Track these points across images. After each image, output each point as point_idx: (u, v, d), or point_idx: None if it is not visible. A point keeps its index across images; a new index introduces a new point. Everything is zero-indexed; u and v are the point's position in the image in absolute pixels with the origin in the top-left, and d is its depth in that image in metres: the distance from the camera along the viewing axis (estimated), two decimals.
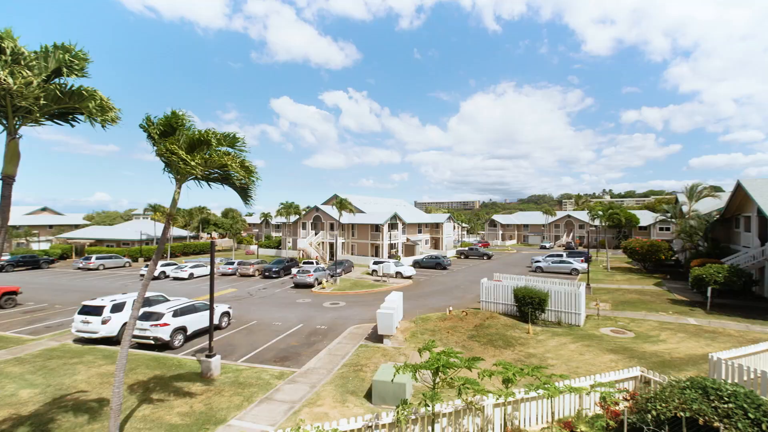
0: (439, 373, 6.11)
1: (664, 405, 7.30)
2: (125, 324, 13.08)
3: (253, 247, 61.29)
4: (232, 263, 37.46)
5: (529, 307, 18.30)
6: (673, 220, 40.82)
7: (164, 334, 14.86)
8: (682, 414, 7.03)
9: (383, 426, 7.04)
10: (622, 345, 14.96)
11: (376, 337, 16.14)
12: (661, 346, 14.83)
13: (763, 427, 6.54)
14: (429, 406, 6.48)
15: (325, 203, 54.33)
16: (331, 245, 48.15)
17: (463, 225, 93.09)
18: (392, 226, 48.01)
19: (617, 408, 8.01)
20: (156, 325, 14.83)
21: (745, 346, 11.25)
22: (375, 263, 35.76)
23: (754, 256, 24.19)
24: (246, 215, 79.04)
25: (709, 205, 36.65)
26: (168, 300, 18.72)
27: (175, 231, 62.61)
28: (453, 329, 17.25)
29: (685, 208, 36.96)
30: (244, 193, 9.89)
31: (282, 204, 49.71)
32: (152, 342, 14.79)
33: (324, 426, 6.65)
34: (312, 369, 12.88)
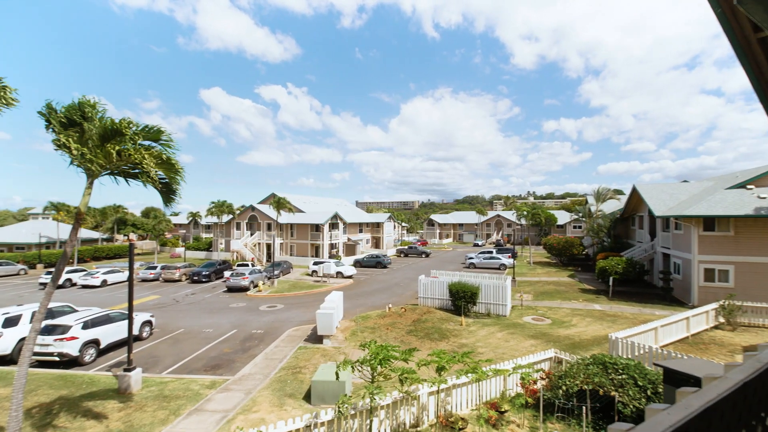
0: (379, 367, 6.28)
1: (572, 380, 8.31)
2: (23, 340, 11.29)
3: (180, 250, 56.41)
4: (155, 268, 34.14)
5: (462, 300, 19.44)
6: (584, 219, 46.24)
7: (71, 348, 13.09)
8: (586, 387, 8.08)
9: (322, 424, 7.03)
10: (541, 331, 16.61)
11: (315, 338, 15.93)
12: (572, 330, 16.76)
13: (648, 392, 7.78)
14: (370, 400, 6.62)
15: (262, 202, 52.02)
16: (269, 246, 46.26)
17: (403, 224, 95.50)
18: (333, 226, 47.58)
19: (535, 386, 8.92)
20: (61, 340, 13.00)
21: (637, 326, 13.24)
22: (315, 264, 35.15)
23: (646, 250, 28.46)
24: (171, 215, 72.40)
25: (612, 206, 42.30)
26: (75, 311, 16.51)
27: (84, 232, 55.24)
28: (392, 326, 17.67)
29: (593, 209, 42.15)
30: (167, 192, 9.10)
31: (213, 203, 46.49)
32: (57, 359, 12.94)
33: (262, 430, 6.44)
34: (247, 375, 12.31)
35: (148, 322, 16.99)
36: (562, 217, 72.53)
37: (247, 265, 34.91)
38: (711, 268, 20.00)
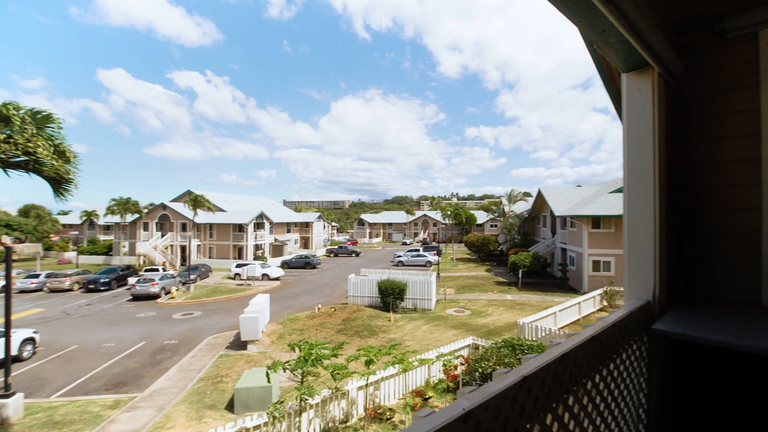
0: (310, 366, 6.24)
1: (486, 363, 9.17)
2: None
3: (70, 255, 48.55)
4: (37, 276, 28.99)
5: (391, 297, 20.06)
6: (499, 218, 50.85)
7: None
8: (498, 368, 8.99)
9: (246, 430, 6.74)
10: (462, 321, 17.95)
11: (239, 345, 15.07)
12: (488, 318, 18.41)
13: None
14: (302, 401, 6.54)
15: (176, 200, 47.30)
16: (184, 248, 42.26)
17: (333, 224, 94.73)
18: (258, 226, 45.26)
19: (456, 372, 9.65)
20: None
21: (541, 312, 15.05)
22: (238, 266, 33.10)
23: (548, 245, 32.35)
24: (59, 214, 61.80)
25: (522, 207, 47.33)
26: None
27: None
28: (322, 326, 17.52)
29: (506, 209, 46.62)
30: (58, 185, 7.88)
31: (116, 200, 40.81)
32: None
33: None
34: (159, 390, 11.18)
35: (30, 340, 14.41)
36: (481, 217, 78.76)
37: (157, 270, 31.48)
38: (597, 260, 23.57)
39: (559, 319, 15.36)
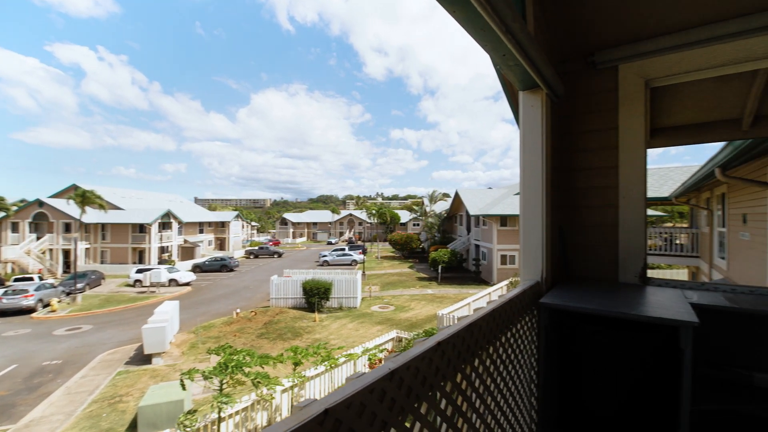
0: (230, 374, 5.87)
1: None
2: None
3: None
4: None
5: (316, 297, 19.79)
6: (421, 217, 53.45)
7: None
8: None
9: None
10: (387, 317, 18.53)
11: (142, 359, 13.46)
12: (411, 312, 19.31)
13: None
14: (220, 409, 6.12)
15: (57, 195, 40.08)
16: (68, 253, 36.02)
17: (253, 223, 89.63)
18: (165, 226, 40.67)
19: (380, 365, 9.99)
20: None
21: (457, 303, 16.30)
22: (139, 272, 29.35)
23: (464, 242, 35.04)
24: None
25: (442, 207, 50.44)
26: None
27: None
28: (241, 331, 16.54)
29: (428, 209, 49.24)
30: None
31: None
32: None
33: None
34: (39, 419, 9.46)
35: None
36: (405, 216, 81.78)
37: (31, 279, 26.35)
38: (505, 254, 26.31)
39: (473, 308, 16.78)
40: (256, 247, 53.00)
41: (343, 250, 45.43)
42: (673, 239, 14.53)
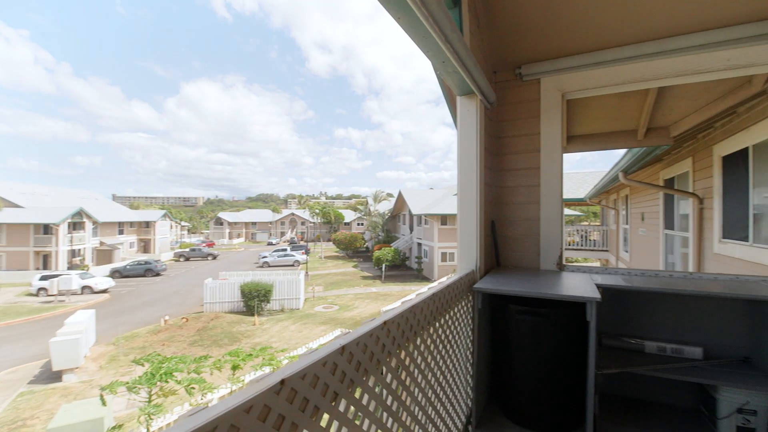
0: (161, 381, 5.40)
1: None
2: None
3: None
4: None
5: (255, 300, 18.97)
6: (365, 217, 53.76)
7: None
8: None
9: None
10: (330, 317, 18.40)
11: (50, 376, 11.83)
12: (355, 311, 19.39)
13: None
14: (148, 423, 5.61)
15: None
16: None
17: (184, 224, 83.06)
18: (76, 226, 35.97)
19: None
20: None
21: (399, 299, 16.72)
22: (44, 278, 25.61)
23: (407, 241, 35.96)
24: None
25: (386, 206, 51.18)
26: None
27: None
28: (170, 340, 15.28)
29: (372, 208, 49.68)
30: None
31: None
32: None
33: None
34: None
35: None
36: (349, 216, 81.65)
37: None
38: (445, 251, 27.54)
39: None
40: (187, 249, 49.14)
41: (285, 250, 44.05)
42: (588, 236, 16.43)
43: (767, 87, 3.14)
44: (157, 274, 34.32)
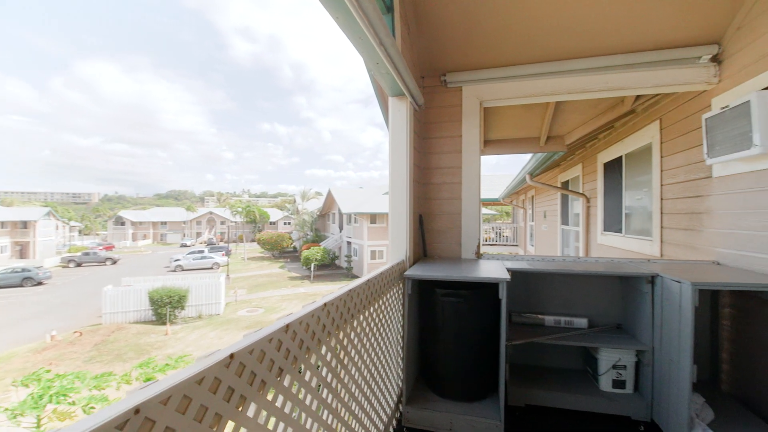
0: (52, 402, 4.61)
1: None
2: None
3: None
4: None
5: (167, 307, 17.19)
6: (293, 216, 52.09)
7: None
8: None
9: None
10: (255, 320, 17.51)
11: None
12: (283, 313, 18.72)
13: None
14: None
15: None
16: None
17: (74, 224, 71.43)
18: None
19: None
20: None
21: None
22: None
23: (336, 240, 35.75)
24: None
25: (315, 205, 50.16)
26: None
27: None
28: (60, 358, 13.10)
29: (300, 207, 48.34)
30: None
31: None
32: None
33: None
34: None
35: None
36: (275, 215, 78.22)
37: None
38: (375, 249, 28.04)
39: None
40: (79, 254, 42.36)
41: (202, 252, 40.63)
42: (501, 232, 18.20)
43: (635, 106, 3.88)
44: (39, 283, 29.02)
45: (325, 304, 1.28)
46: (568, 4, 2.52)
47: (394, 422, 2.24)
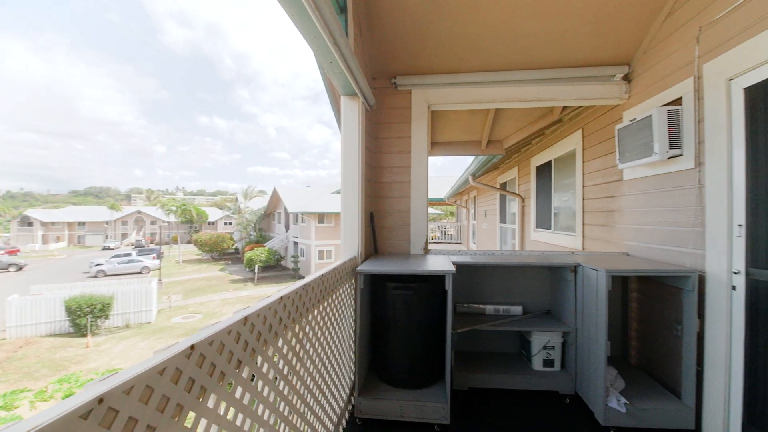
0: None
1: None
2: None
3: None
4: None
5: (87, 317, 15.41)
6: (234, 215, 49.43)
7: None
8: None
9: None
10: (193, 327, 16.37)
11: None
12: (224, 318, 17.75)
13: None
14: None
15: None
16: None
17: None
18: None
19: None
20: None
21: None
22: None
23: (283, 240, 34.63)
24: None
25: (258, 204, 48.02)
26: None
27: None
28: None
29: (242, 206, 46.01)
30: None
31: None
32: None
33: None
34: None
35: None
36: (214, 214, 73.55)
37: None
38: (323, 249, 27.63)
39: None
40: None
41: (129, 255, 37.01)
42: (446, 231, 19.00)
43: (562, 116, 4.32)
44: None
45: (281, 298, 1.30)
46: (507, 19, 2.76)
47: (347, 414, 2.29)
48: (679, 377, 2.30)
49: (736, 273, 2.02)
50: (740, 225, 2.00)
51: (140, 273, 32.65)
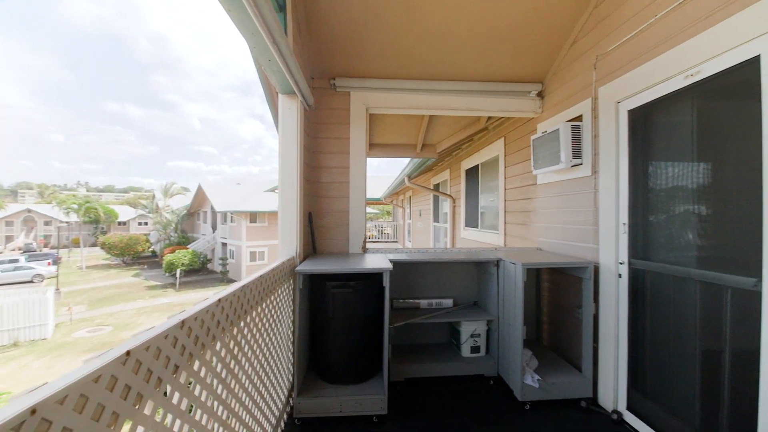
0: None
1: None
2: None
3: None
4: None
5: None
6: (151, 214, 44.62)
7: None
8: None
9: None
10: (101, 341, 14.52)
11: None
12: (139, 329, 15.97)
13: None
14: None
15: None
16: None
17: None
18: None
19: None
20: None
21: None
22: None
23: (209, 241, 32.18)
24: None
25: (180, 202, 43.87)
26: None
27: None
28: None
29: (161, 204, 41.71)
30: None
31: None
32: None
33: None
34: None
35: None
36: (126, 213, 65.59)
37: None
38: (254, 250, 26.29)
39: None
40: None
41: (16, 261, 31.47)
42: (383, 230, 19.39)
43: (488, 125, 4.72)
44: None
45: (219, 300, 1.27)
46: (443, 32, 2.95)
47: (285, 415, 2.28)
48: (580, 353, 2.70)
49: (621, 263, 2.44)
50: (624, 223, 2.41)
51: (31, 282, 27.92)
